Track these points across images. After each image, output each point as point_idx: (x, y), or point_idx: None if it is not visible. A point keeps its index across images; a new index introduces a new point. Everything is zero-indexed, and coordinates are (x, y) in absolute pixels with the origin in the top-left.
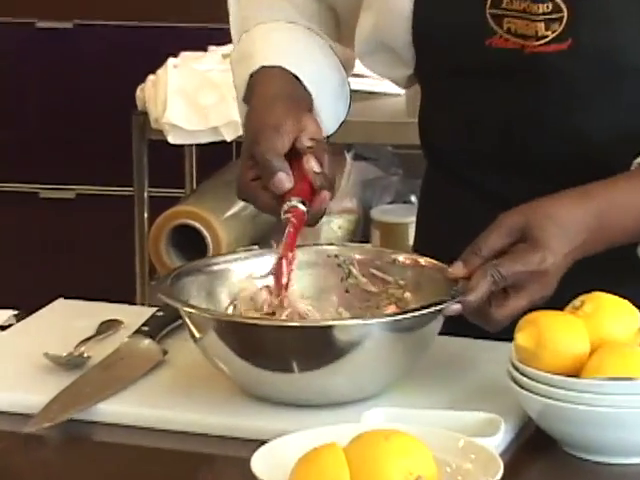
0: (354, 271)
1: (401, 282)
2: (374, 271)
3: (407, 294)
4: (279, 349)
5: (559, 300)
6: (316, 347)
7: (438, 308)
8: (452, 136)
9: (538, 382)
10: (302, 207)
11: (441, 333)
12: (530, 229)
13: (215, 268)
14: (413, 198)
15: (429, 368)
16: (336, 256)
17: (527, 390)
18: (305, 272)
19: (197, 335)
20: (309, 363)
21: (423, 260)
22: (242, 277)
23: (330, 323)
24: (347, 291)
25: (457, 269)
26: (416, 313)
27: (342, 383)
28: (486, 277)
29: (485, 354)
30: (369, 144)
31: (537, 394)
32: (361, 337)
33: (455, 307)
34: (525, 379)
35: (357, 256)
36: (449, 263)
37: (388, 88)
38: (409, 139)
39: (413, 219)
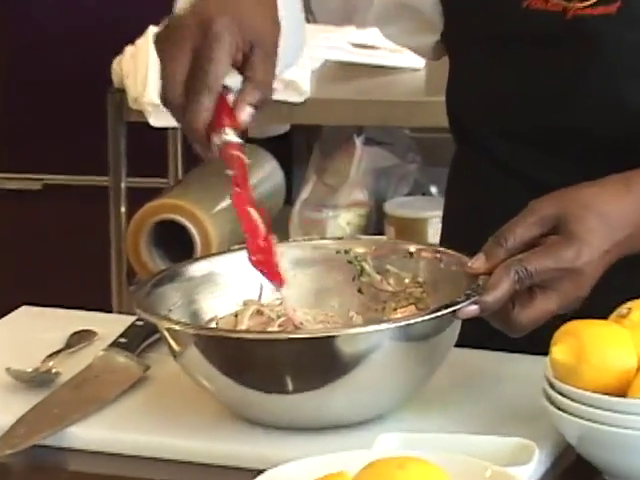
0: (367, 268)
1: (420, 279)
2: (390, 267)
3: (427, 292)
4: (269, 366)
5: (598, 307)
6: (310, 363)
7: (451, 310)
8: (485, 113)
9: (578, 402)
10: (237, 140)
11: (462, 345)
12: (565, 220)
13: (201, 272)
14: (434, 189)
15: (447, 386)
16: (346, 252)
17: (565, 411)
18: (309, 271)
19: (177, 352)
20: (304, 382)
21: (443, 252)
22: (234, 285)
23: (324, 334)
24: (360, 291)
25: (478, 263)
26: (424, 317)
27: (342, 404)
28: (509, 274)
29: (514, 369)
30: (382, 127)
31: (577, 416)
32: (362, 349)
33: (471, 309)
34: (563, 399)
35: (370, 250)
36: (472, 256)
37: (405, 61)
38: (429, 121)
39: (433, 213)
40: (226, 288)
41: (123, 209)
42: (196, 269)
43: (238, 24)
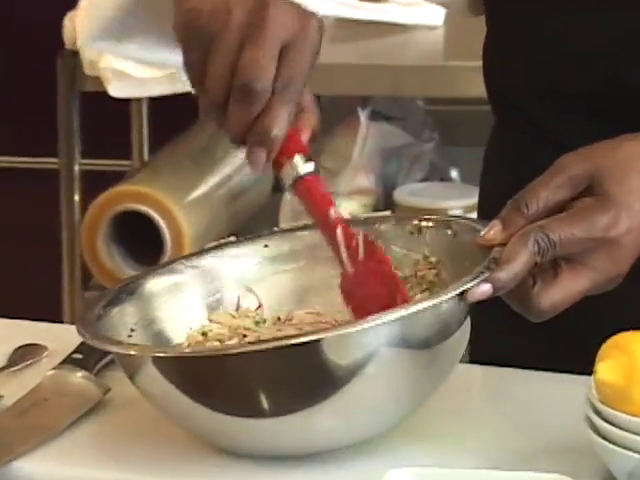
0: (395, 260)
1: (432, 259)
2: (395, 248)
3: (442, 273)
4: (237, 386)
5: None
6: (286, 377)
7: (458, 292)
8: (531, 76)
9: (629, 432)
10: (312, 168)
11: (481, 362)
12: (600, 179)
13: (170, 280)
14: (454, 173)
15: (466, 409)
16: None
17: (614, 443)
18: (300, 261)
19: (136, 378)
20: (283, 399)
21: (456, 223)
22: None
23: (289, 342)
24: None
25: (492, 232)
26: (419, 306)
27: (331, 423)
28: (527, 243)
29: (550, 390)
30: (392, 98)
31: (628, 448)
32: (351, 355)
33: (483, 289)
34: (611, 427)
35: (371, 230)
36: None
37: (420, 18)
38: (448, 90)
39: (454, 203)
40: (193, 302)
41: (77, 197)
42: (157, 282)
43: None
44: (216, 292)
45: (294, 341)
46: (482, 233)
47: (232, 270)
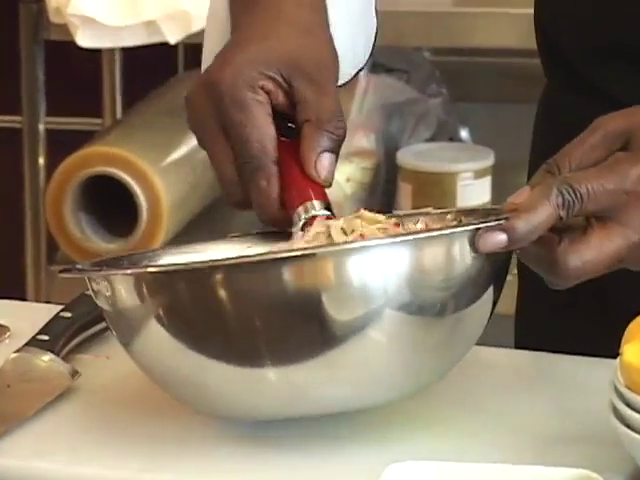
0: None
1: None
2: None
3: None
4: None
5: None
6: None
7: (465, 229)
8: (594, 28)
9: None
10: (326, 214)
11: (502, 345)
12: (636, 135)
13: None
14: (464, 133)
15: (478, 395)
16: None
17: None
18: None
19: (131, 326)
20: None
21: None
22: None
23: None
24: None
25: (521, 197)
26: (428, 234)
27: (328, 377)
28: (549, 195)
29: (568, 374)
30: (395, 48)
31: None
32: (350, 310)
33: (496, 238)
34: (637, 416)
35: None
36: None
37: None
38: (458, 40)
39: (464, 165)
40: None
41: (41, 160)
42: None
43: (264, 58)
44: None
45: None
46: (510, 198)
47: None
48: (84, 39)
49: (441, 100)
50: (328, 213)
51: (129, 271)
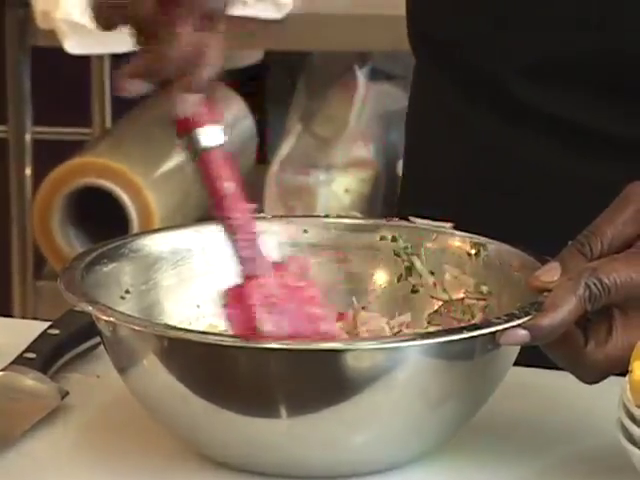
0: (418, 265)
1: (484, 288)
2: (448, 267)
3: (492, 307)
4: (254, 383)
5: None
6: (304, 380)
7: (486, 332)
8: (485, 26)
9: None
10: (221, 139)
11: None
12: None
13: (156, 247)
14: None
15: (484, 416)
16: (394, 239)
17: None
18: (336, 261)
19: (132, 363)
20: (300, 406)
21: (522, 254)
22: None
23: (327, 346)
24: (415, 291)
25: (550, 275)
26: (449, 337)
27: (351, 447)
28: (576, 289)
29: (576, 392)
30: (395, 53)
31: None
32: (371, 370)
33: (519, 334)
34: None
35: (430, 243)
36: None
37: None
38: None
39: None
40: (204, 267)
41: (28, 171)
42: (156, 243)
43: None
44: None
45: (318, 347)
46: (537, 273)
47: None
48: (72, 45)
49: None
50: (219, 142)
51: (136, 327)
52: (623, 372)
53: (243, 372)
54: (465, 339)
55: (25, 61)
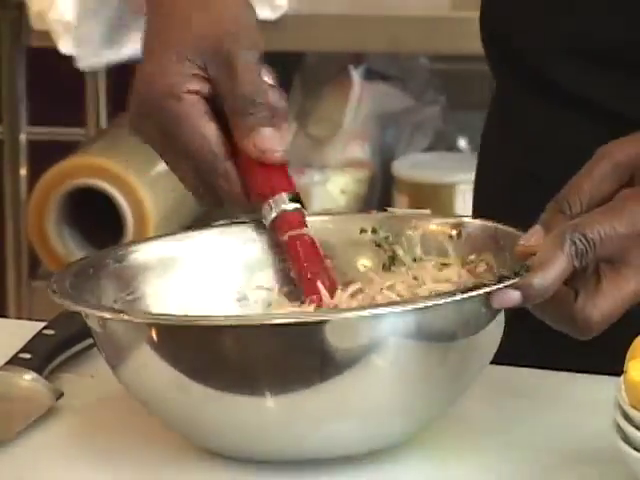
0: (401, 254)
1: (471, 257)
2: (430, 257)
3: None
4: (237, 361)
5: None
6: (297, 357)
7: (478, 292)
8: (548, 26)
9: None
10: (296, 206)
11: (504, 362)
12: None
13: (152, 256)
14: (463, 142)
15: (478, 415)
16: (374, 230)
17: None
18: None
19: (123, 356)
20: (280, 381)
21: (501, 227)
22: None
23: (307, 318)
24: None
25: (533, 238)
26: (442, 299)
27: (334, 428)
28: (563, 245)
29: (572, 393)
30: (391, 54)
31: None
32: (357, 343)
33: (511, 296)
34: None
35: (410, 231)
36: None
37: None
38: (456, 46)
39: (463, 176)
40: (189, 274)
41: (23, 172)
42: (143, 253)
43: (180, 54)
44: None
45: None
46: (522, 239)
47: (239, 253)
48: (67, 46)
49: (438, 108)
50: (297, 206)
51: (125, 317)
52: (614, 323)
53: (230, 352)
54: (458, 301)
55: (20, 62)
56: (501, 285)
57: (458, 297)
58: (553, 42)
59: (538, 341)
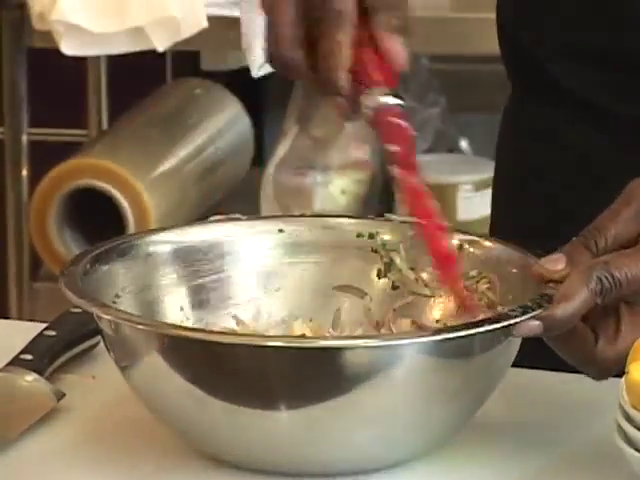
0: (399, 262)
1: (473, 273)
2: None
3: (494, 285)
4: (256, 379)
5: None
6: (303, 376)
7: (501, 325)
8: (562, 30)
9: None
10: (397, 102)
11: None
12: None
13: (166, 246)
14: (464, 144)
15: (480, 416)
16: (371, 236)
17: None
18: (313, 260)
19: (135, 361)
20: (299, 399)
21: (504, 247)
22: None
23: (330, 343)
24: (395, 287)
25: (556, 265)
26: (462, 332)
27: (346, 447)
28: (589, 282)
29: (573, 394)
30: None
31: None
32: (372, 368)
33: (531, 325)
34: None
35: (405, 236)
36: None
37: None
38: (456, 46)
39: (464, 177)
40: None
41: (24, 173)
42: (157, 241)
43: None
44: (219, 271)
45: (314, 344)
46: (542, 261)
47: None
48: (69, 47)
49: (439, 110)
50: (400, 102)
51: (140, 326)
52: None
53: (245, 369)
54: (480, 333)
55: (21, 62)
56: (526, 317)
57: (483, 329)
58: (553, 43)
59: (540, 341)
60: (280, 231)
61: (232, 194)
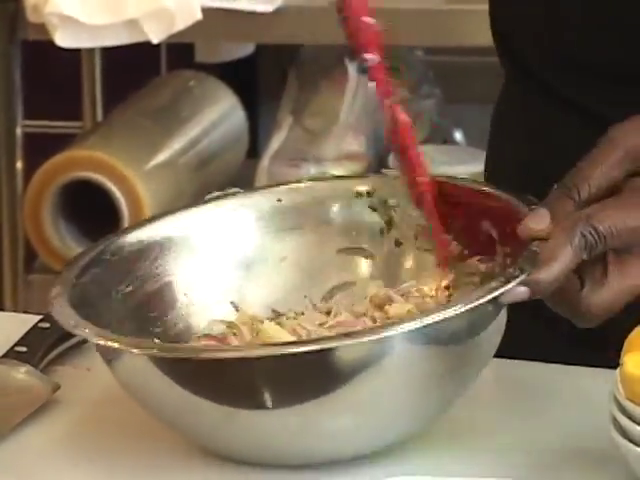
0: (397, 218)
1: None
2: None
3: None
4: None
5: None
6: (292, 376)
7: (489, 298)
8: (549, 32)
9: None
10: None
11: (501, 355)
12: None
13: (156, 238)
14: (459, 135)
15: (474, 409)
16: (368, 193)
17: None
18: (311, 220)
19: (125, 374)
20: (286, 399)
21: (505, 198)
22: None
23: (313, 348)
24: (399, 243)
25: (539, 223)
26: (451, 311)
27: (337, 432)
28: (572, 239)
29: (567, 386)
30: (386, 46)
31: None
32: (363, 360)
33: (517, 292)
34: None
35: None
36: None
37: None
38: (451, 38)
39: (458, 168)
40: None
41: (19, 164)
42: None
43: None
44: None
45: (307, 349)
46: (525, 221)
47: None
48: (63, 39)
49: (434, 101)
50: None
51: (134, 350)
52: (618, 313)
53: (234, 379)
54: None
55: (15, 55)
56: (511, 285)
57: (470, 305)
58: (547, 53)
59: (534, 333)
60: (279, 200)
61: (227, 185)
